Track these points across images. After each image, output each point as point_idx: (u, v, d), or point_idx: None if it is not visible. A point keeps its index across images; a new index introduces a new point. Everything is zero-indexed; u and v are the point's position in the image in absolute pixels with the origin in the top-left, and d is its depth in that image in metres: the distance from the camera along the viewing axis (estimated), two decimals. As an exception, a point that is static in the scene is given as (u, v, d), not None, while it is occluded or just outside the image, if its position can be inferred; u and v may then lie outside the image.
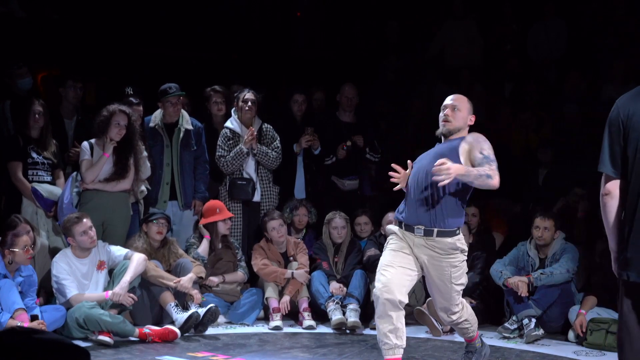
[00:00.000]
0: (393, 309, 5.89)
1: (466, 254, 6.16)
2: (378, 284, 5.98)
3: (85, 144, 8.40)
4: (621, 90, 5.22)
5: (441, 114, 6.11)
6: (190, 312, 7.86)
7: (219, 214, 8.74)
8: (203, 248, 8.65)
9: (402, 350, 5.97)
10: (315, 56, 12.20)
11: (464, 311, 6.31)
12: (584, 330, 7.71)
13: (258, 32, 12.44)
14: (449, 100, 6.16)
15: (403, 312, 5.99)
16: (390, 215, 8.57)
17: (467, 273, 8.34)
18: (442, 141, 6.12)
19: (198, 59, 11.98)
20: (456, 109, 6.09)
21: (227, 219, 8.78)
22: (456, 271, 6.08)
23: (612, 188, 4.34)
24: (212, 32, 12.28)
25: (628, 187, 4.31)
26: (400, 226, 6.07)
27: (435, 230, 5.93)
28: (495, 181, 5.76)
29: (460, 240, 6.06)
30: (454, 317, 6.27)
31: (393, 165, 6.17)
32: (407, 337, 7.83)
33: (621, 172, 4.33)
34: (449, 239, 5.97)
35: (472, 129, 6.20)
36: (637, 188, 4.26)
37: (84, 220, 7.74)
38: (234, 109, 9.23)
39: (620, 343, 4.38)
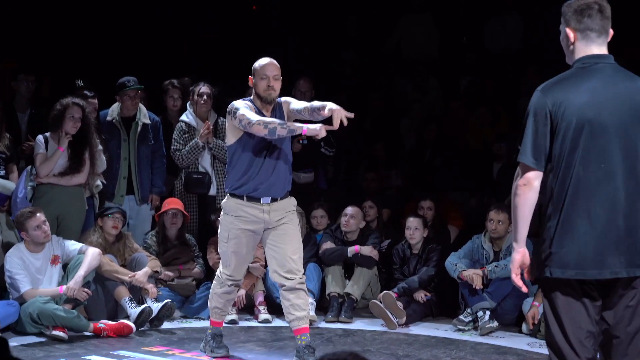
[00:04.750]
0: None
1: (228, 213, 6.71)
2: None
3: (39, 137, 8.34)
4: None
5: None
6: (142, 306, 7.83)
7: (164, 207, 8.70)
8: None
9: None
10: (273, 50, 12.17)
11: None
12: (536, 322, 7.77)
13: (215, 26, 12.39)
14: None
15: None
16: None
17: (423, 266, 8.50)
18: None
19: (155, 53, 11.92)
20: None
21: (173, 212, 8.68)
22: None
23: (532, 179, 4.16)
24: (170, 26, 12.22)
25: (550, 179, 4.16)
26: None
27: None
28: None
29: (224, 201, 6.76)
30: None
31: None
32: (363, 330, 8.00)
33: (544, 164, 4.16)
34: None
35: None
36: (566, 181, 4.12)
37: (38, 214, 7.69)
38: (189, 102, 9.20)
39: (548, 341, 4.28)
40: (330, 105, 6.29)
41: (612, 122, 4.13)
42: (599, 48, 4.26)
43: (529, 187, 4.19)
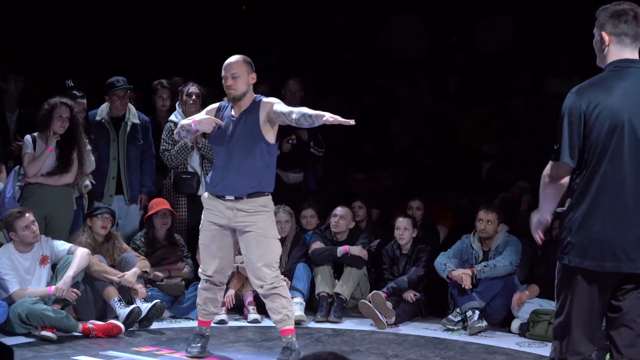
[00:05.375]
0: None
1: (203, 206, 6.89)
2: None
3: (27, 137, 8.32)
4: (566, 85, 5.27)
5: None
6: (131, 307, 7.82)
7: (154, 208, 8.69)
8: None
9: None
10: (264, 51, 12.17)
11: None
12: (522, 302, 7.88)
13: (206, 26, 12.37)
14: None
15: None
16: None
17: (412, 266, 8.51)
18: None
19: (145, 53, 11.90)
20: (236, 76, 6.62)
21: (163, 212, 8.68)
22: None
23: (563, 174, 4.49)
24: (161, 26, 12.19)
25: (579, 174, 4.43)
26: None
27: None
28: None
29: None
30: None
31: None
32: (352, 330, 8.00)
33: (577, 162, 4.44)
34: None
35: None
36: (594, 177, 4.38)
37: (27, 214, 7.66)
38: (178, 102, 9.19)
39: (556, 326, 4.56)
40: (328, 116, 6.30)
41: (633, 125, 4.37)
42: (632, 53, 4.50)
43: (559, 182, 4.54)
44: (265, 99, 6.72)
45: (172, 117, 9.10)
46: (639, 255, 4.36)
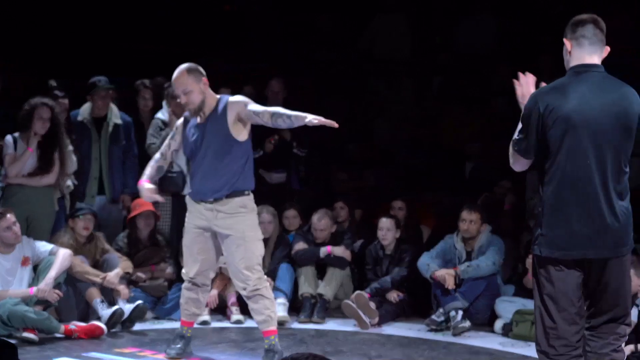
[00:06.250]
0: None
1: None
2: None
3: (8, 137, 8.28)
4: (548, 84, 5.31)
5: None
6: (114, 308, 7.80)
7: (137, 209, 8.66)
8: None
9: None
10: (246, 51, 12.15)
11: None
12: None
13: (187, 26, 12.34)
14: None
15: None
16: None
17: (396, 266, 8.51)
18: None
19: (128, 51, 11.85)
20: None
21: (146, 214, 8.65)
22: None
23: (523, 166, 4.92)
24: (143, 25, 12.15)
25: (541, 173, 4.78)
26: None
27: None
28: None
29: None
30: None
31: None
32: (336, 331, 8.00)
33: (532, 156, 4.81)
34: None
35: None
36: (555, 175, 4.70)
37: (8, 215, 7.63)
38: (164, 100, 9.15)
39: (539, 314, 4.82)
40: (311, 117, 6.28)
41: (594, 126, 4.66)
42: (590, 56, 4.76)
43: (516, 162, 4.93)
44: (232, 99, 6.69)
45: (159, 115, 9.05)
46: (601, 242, 4.69)
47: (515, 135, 4.84)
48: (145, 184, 6.88)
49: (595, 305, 4.79)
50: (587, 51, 4.76)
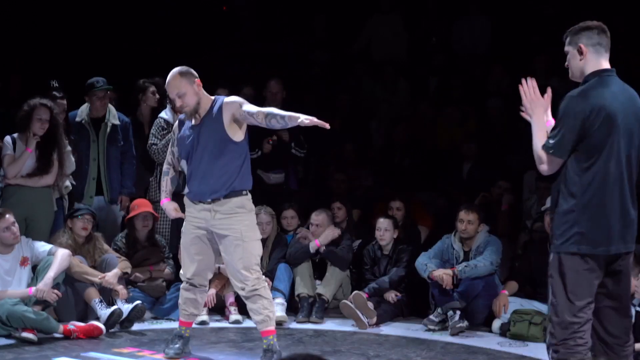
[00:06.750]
0: None
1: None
2: None
3: (7, 138, 8.29)
4: (544, 84, 5.35)
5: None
6: (113, 308, 7.81)
7: (135, 210, 8.67)
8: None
9: None
10: (243, 51, 12.17)
11: None
12: (506, 310, 7.90)
13: (186, 26, 12.36)
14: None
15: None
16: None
17: (393, 266, 8.53)
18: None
19: (126, 52, 11.87)
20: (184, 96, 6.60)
21: (144, 215, 8.66)
22: None
23: (556, 167, 5.01)
24: (142, 26, 12.17)
25: (579, 171, 4.94)
26: None
27: None
28: None
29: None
30: None
31: None
32: (334, 331, 8.01)
33: (567, 156, 4.96)
34: None
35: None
36: (599, 175, 4.92)
37: (7, 216, 7.64)
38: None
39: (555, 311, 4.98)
40: (303, 118, 6.30)
41: (629, 126, 4.98)
42: (606, 62, 5.04)
43: (547, 171, 5.05)
44: (227, 100, 6.69)
45: (163, 114, 9.04)
46: (630, 236, 5.01)
47: (551, 140, 4.97)
48: (167, 204, 6.98)
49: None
50: (603, 57, 5.03)
